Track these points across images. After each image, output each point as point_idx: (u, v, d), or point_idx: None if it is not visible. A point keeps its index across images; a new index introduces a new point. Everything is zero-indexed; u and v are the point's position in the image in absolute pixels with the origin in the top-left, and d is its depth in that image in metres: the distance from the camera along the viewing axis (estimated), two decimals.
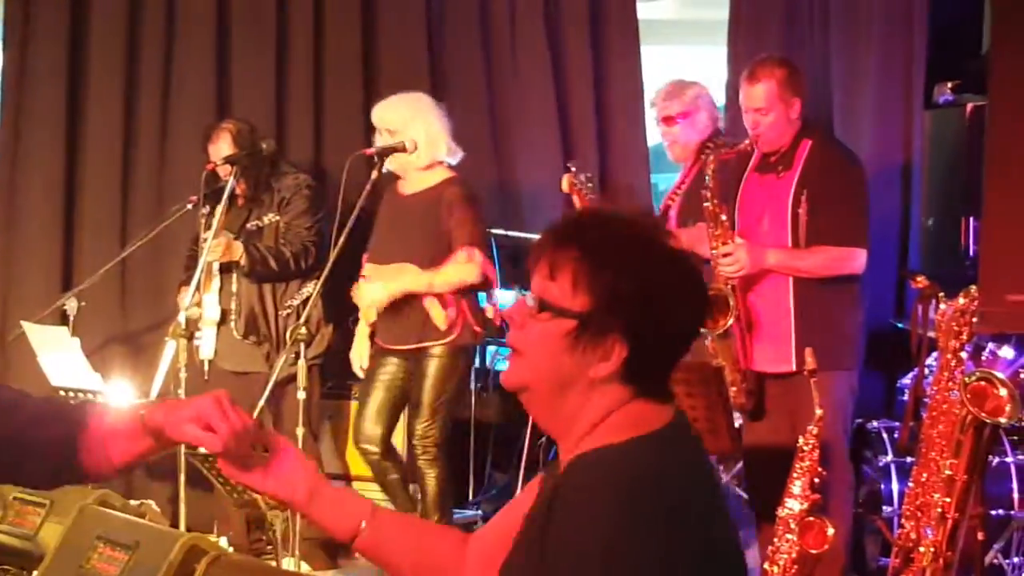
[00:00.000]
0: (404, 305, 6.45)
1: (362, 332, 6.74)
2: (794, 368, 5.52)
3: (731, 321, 5.78)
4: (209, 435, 2.49)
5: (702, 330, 5.77)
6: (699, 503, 2.41)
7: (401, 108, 6.57)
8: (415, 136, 6.41)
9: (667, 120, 6.65)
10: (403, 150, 6.22)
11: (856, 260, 5.85)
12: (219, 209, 6.57)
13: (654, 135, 9.65)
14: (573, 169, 6.48)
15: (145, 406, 2.57)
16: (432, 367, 6.44)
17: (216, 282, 7.00)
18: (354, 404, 7.20)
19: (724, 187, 6.00)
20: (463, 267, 6.40)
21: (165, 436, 2.52)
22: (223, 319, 7.03)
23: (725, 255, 5.84)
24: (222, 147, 7.01)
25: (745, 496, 7.99)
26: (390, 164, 6.47)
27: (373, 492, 7.32)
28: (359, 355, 6.73)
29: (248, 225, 7.05)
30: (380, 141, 6.52)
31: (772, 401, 5.94)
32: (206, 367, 7.02)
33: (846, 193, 5.87)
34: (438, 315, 6.40)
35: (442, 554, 2.73)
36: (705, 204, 5.93)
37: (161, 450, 2.57)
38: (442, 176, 6.47)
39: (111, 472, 2.60)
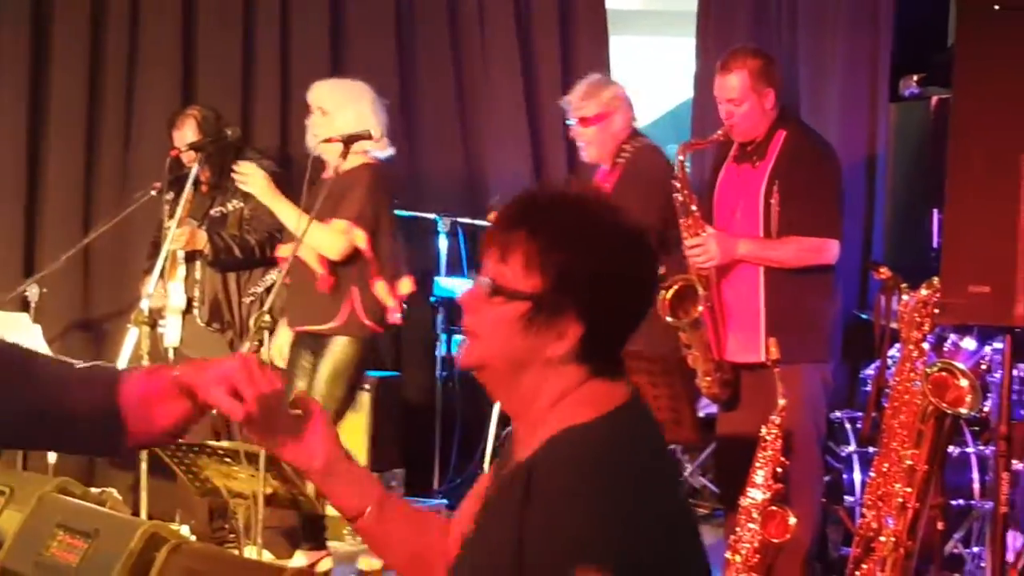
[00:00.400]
0: (304, 284, 6.39)
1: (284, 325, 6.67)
2: (762, 359, 5.52)
3: (700, 310, 5.78)
4: (234, 402, 2.42)
5: (670, 319, 5.79)
6: (667, 472, 2.52)
7: (338, 90, 6.55)
8: (345, 119, 6.37)
9: (583, 121, 6.47)
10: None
11: (828, 251, 5.84)
12: (183, 196, 6.55)
13: None
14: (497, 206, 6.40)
15: (177, 366, 2.52)
16: (322, 357, 6.41)
17: (181, 270, 6.98)
18: None
19: (701, 177, 6.01)
20: (332, 234, 6.30)
21: (198, 398, 2.45)
22: (188, 307, 7.02)
23: (695, 246, 5.84)
24: (187, 133, 7.00)
25: (711, 485, 8.05)
26: (316, 149, 6.43)
27: None
28: (279, 348, 6.65)
29: (212, 212, 7.03)
30: (312, 121, 6.49)
31: (746, 392, 5.94)
32: (171, 355, 7.00)
33: (819, 184, 5.86)
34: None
35: (436, 549, 2.72)
36: (675, 195, 5.93)
37: (199, 415, 2.49)
38: (360, 162, 6.41)
39: (156, 438, 2.50)
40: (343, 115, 6.40)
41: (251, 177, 6.39)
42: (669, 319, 5.80)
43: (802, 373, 5.73)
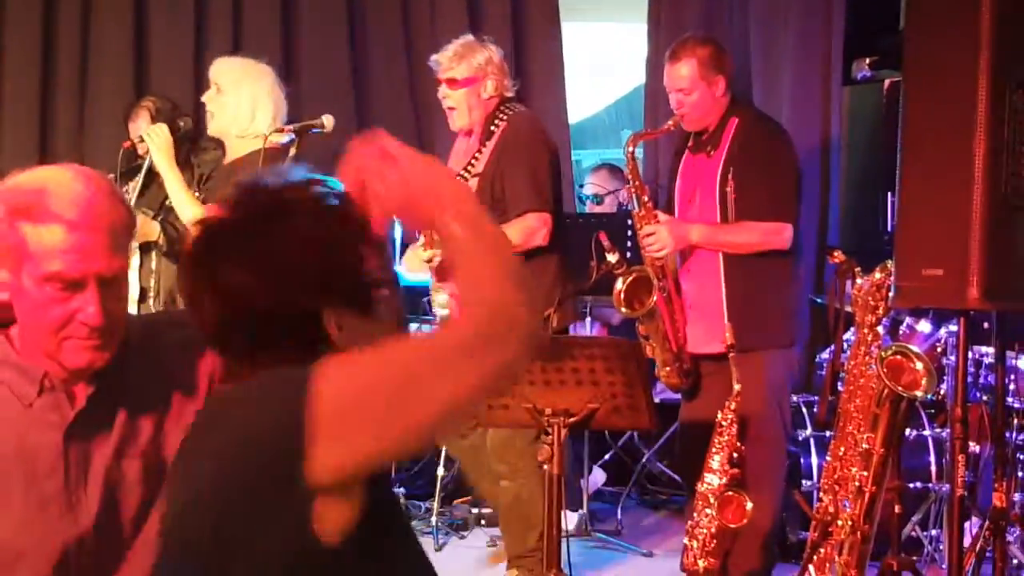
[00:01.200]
0: None
1: None
2: (725, 348, 5.51)
3: (654, 299, 5.77)
4: None
5: (623, 310, 5.79)
6: None
7: (236, 68, 6.43)
8: (239, 99, 6.30)
9: (451, 83, 6.16)
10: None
11: (781, 235, 5.82)
12: (134, 187, 6.50)
13: (576, 112, 9.68)
14: None
15: None
16: None
17: (135, 259, 6.93)
18: None
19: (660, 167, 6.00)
20: (195, 214, 6.21)
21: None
22: (143, 297, 6.97)
23: (648, 235, 5.83)
24: (141, 125, 6.95)
25: (668, 471, 8.05)
26: (212, 124, 6.37)
27: None
28: None
29: (168, 202, 6.99)
30: (207, 96, 6.42)
31: (709, 381, 5.93)
32: None
33: (772, 169, 5.85)
34: None
35: None
36: (627, 185, 5.91)
37: None
38: (253, 147, 6.27)
39: None
40: (237, 94, 6.30)
41: (156, 137, 6.32)
42: (624, 310, 5.80)
43: (764, 360, 5.73)
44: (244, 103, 6.26)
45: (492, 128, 6.06)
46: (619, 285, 5.74)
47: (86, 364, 2.69)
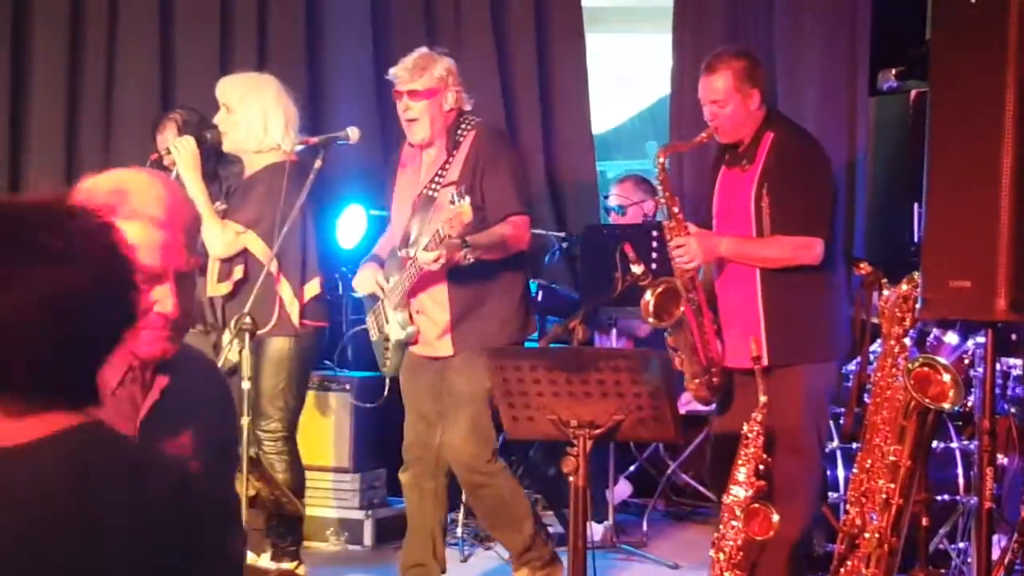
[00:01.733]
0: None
1: None
2: (766, 363, 5.48)
3: (681, 311, 5.74)
4: None
5: (651, 321, 5.77)
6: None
7: (239, 85, 6.41)
8: (249, 115, 6.29)
9: (412, 95, 6.07)
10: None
11: (811, 250, 5.75)
12: None
13: (600, 123, 9.67)
14: None
15: None
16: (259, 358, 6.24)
17: None
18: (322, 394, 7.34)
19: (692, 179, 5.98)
20: (222, 233, 6.26)
21: None
22: None
23: (678, 247, 5.82)
24: (168, 137, 6.96)
25: (693, 483, 8.04)
26: (226, 143, 6.36)
27: (318, 480, 7.33)
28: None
29: None
30: (218, 118, 6.41)
31: (742, 393, 5.89)
32: None
33: (806, 183, 5.81)
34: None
35: None
36: (656, 196, 5.91)
37: None
38: (271, 160, 6.27)
39: None
40: (246, 111, 6.29)
41: (183, 151, 6.30)
42: (651, 320, 5.78)
43: (803, 374, 5.69)
44: (254, 117, 6.25)
45: (458, 138, 6.03)
46: (648, 296, 5.72)
47: (160, 353, 2.78)
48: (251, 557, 6.10)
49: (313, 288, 6.27)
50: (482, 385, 5.78)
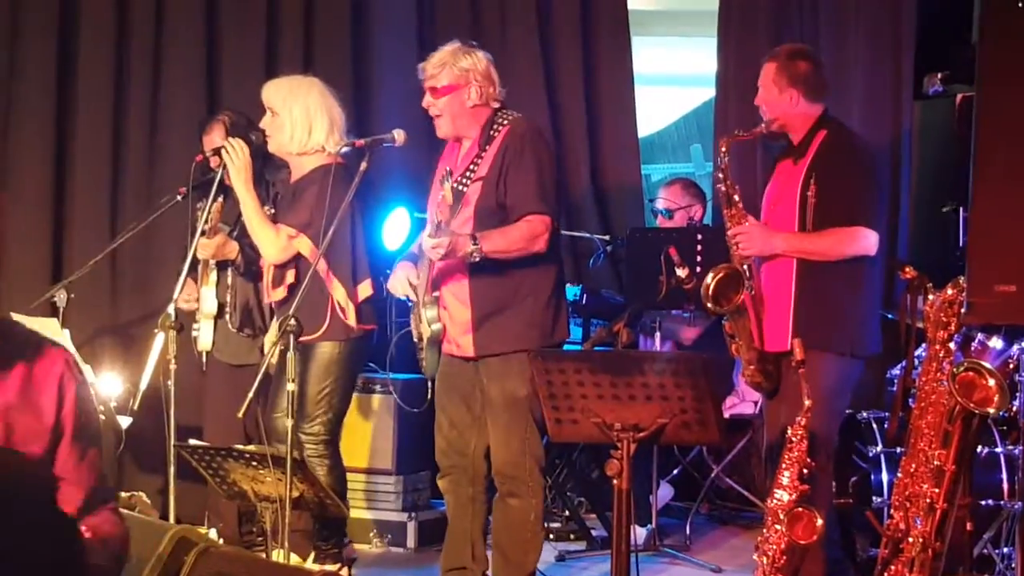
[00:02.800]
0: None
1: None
2: (795, 364, 5.50)
3: (742, 297, 5.76)
4: None
5: (710, 306, 5.78)
6: None
7: (283, 88, 6.44)
8: (293, 118, 6.32)
9: (432, 91, 6.05)
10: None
11: (863, 240, 5.82)
12: (209, 204, 6.56)
13: (645, 126, 9.67)
14: None
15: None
16: (308, 360, 6.25)
17: (214, 275, 6.99)
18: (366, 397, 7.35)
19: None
20: (274, 238, 6.28)
21: None
22: (220, 312, 7.02)
23: (738, 234, 5.86)
24: (215, 138, 7.00)
25: (737, 486, 8.04)
26: (271, 146, 6.39)
27: (360, 482, 7.37)
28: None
29: (243, 218, 7.03)
30: (264, 122, 6.44)
31: (783, 380, 5.94)
32: (204, 359, 7.01)
33: (853, 174, 5.88)
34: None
35: None
36: (718, 185, 5.95)
37: None
38: (318, 163, 6.31)
39: None
40: (290, 113, 6.32)
41: (235, 155, 6.33)
42: (710, 305, 5.78)
43: (821, 363, 5.69)
44: (298, 119, 6.28)
45: (492, 133, 6.01)
46: (709, 280, 5.74)
47: None
48: (295, 559, 6.14)
49: (365, 289, 6.30)
50: (516, 393, 5.74)
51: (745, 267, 5.86)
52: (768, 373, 5.93)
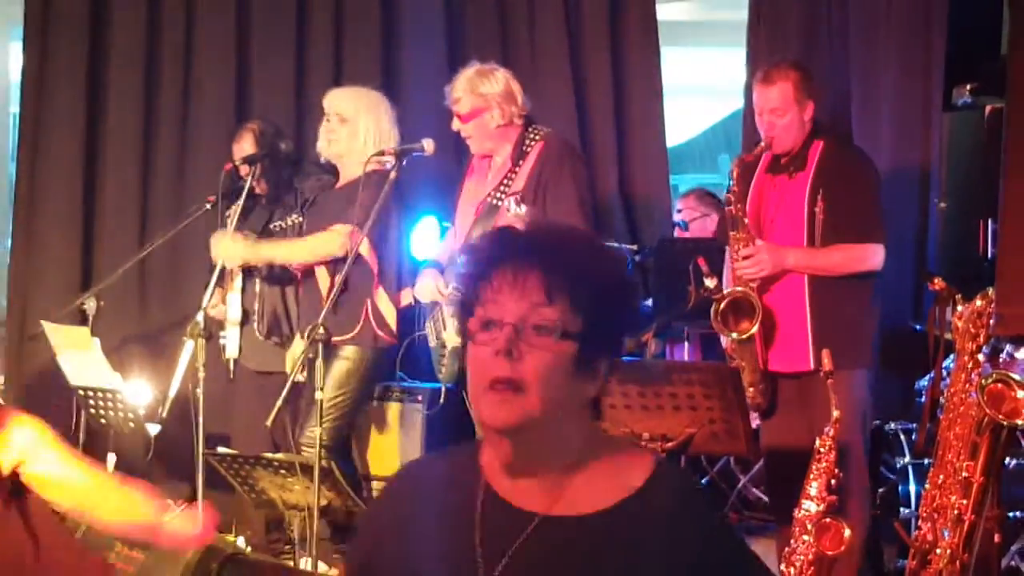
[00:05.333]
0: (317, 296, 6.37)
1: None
2: (812, 367, 5.51)
3: (756, 325, 5.77)
4: None
5: (722, 329, 5.78)
6: None
7: (357, 98, 6.58)
8: (365, 127, 6.40)
9: (459, 117, 6.30)
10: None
11: (875, 256, 5.87)
12: (235, 210, 6.59)
13: (673, 136, 9.66)
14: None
15: None
16: (331, 364, 6.29)
17: (239, 282, 7.01)
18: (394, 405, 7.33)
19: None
20: (322, 235, 6.33)
21: None
22: (245, 319, 7.04)
23: (746, 257, 5.85)
24: (245, 147, 7.05)
25: (764, 497, 8.02)
26: (332, 149, 6.45)
27: None
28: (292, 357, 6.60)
29: (271, 226, 7.06)
30: (326, 127, 6.50)
31: (786, 400, 5.94)
32: (232, 367, 7.03)
33: (862, 190, 5.90)
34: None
35: None
36: (727, 207, 5.95)
37: None
38: (370, 168, 6.39)
39: None
40: (363, 123, 6.40)
41: (226, 252, 6.44)
42: (733, 334, 5.79)
43: (851, 380, 5.72)
44: (369, 130, 6.37)
45: (525, 149, 6.08)
46: (718, 306, 5.75)
47: None
48: (323, 567, 6.16)
49: (407, 296, 6.37)
50: None
51: (752, 289, 5.86)
52: (769, 394, 5.95)
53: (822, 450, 5.30)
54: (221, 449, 6.06)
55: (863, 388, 5.88)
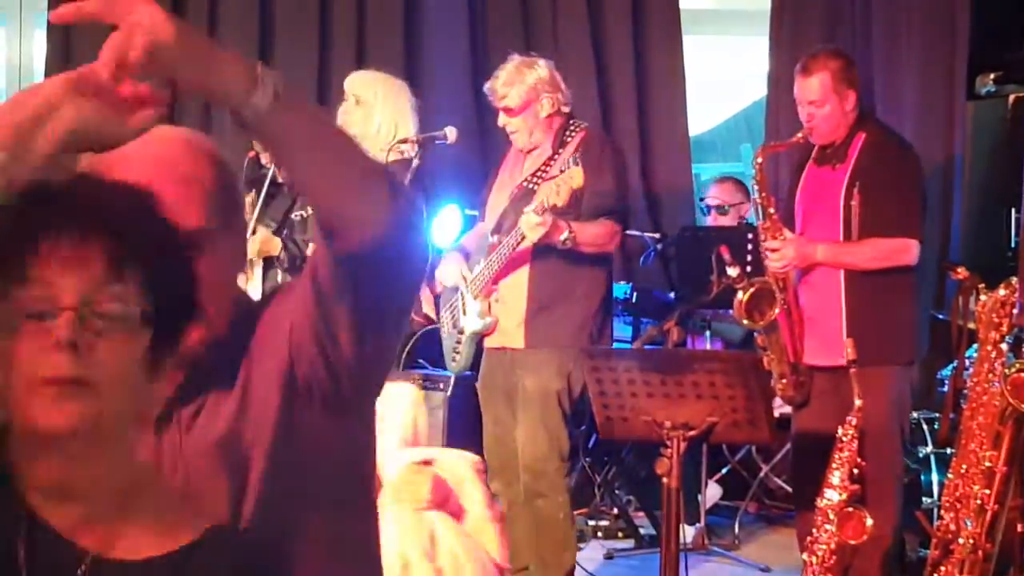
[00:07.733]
0: None
1: None
2: (847, 363, 5.50)
3: (775, 312, 5.76)
4: None
5: (745, 322, 5.78)
6: None
7: (378, 83, 6.52)
8: (385, 113, 6.37)
9: (508, 111, 6.13)
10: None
11: (909, 252, 5.82)
12: (258, 198, 6.60)
13: (696, 125, 9.66)
14: None
15: None
16: None
17: (258, 271, 7.02)
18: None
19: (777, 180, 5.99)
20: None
21: None
22: None
23: (773, 249, 5.84)
24: None
25: (786, 486, 8.02)
26: None
27: None
28: None
29: (292, 215, 7.06)
30: (342, 109, 6.48)
31: (820, 392, 5.93)
32: None
33: (899, 184, 5.84)
34: None
35: None
36: (753, 197, 5.93)
37: None
38: (393, 157, 6.35)
39: None
40: (382, 108, 6.38)
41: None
42: (745, 321, 5.79)
43: (888, 376, 5.72)
44: (388, 117, 6.35)
45: (565, 138, 6.06)
46: (741, 296, 5.74)
47: None
48: None
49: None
50: (552, 387, 5.81)
51: (781, 279, 5.85)
52: (801, 385, 5.93)
53: (844, 439, 5.29)
54: None
55: (900, 383, 5.84)
